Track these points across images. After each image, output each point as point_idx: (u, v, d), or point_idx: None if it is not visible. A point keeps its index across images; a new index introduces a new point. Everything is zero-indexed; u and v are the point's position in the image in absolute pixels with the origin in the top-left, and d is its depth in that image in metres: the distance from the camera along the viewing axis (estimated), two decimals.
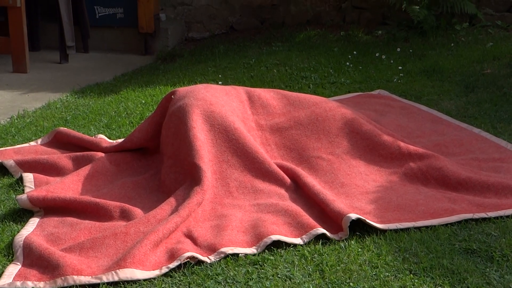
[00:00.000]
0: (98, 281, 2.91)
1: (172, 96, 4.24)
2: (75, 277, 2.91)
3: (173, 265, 3.02)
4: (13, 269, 3.02)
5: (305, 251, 3.14)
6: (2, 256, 3.18)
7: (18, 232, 3.39)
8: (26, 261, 3.07)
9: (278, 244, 3.20)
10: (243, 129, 3.96)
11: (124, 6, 8.37)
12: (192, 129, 3.84)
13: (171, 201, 3.51)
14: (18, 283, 2.91)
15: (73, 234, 3.31)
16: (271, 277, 2.94)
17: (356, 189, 3.77)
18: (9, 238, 3.34)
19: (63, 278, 2.90)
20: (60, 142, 4.57)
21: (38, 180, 3.96)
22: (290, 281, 2.92)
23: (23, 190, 3.90)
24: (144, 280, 2.94)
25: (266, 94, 4.38)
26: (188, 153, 3.76)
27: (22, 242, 3.20)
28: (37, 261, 3.05)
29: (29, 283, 2.91)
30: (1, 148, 4.51)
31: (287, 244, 3.20)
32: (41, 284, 2.91)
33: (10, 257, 3.16)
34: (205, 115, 3.94)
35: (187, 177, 3.72)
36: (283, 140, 4.12)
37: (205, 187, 3.57)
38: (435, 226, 3.34)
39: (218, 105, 4.04)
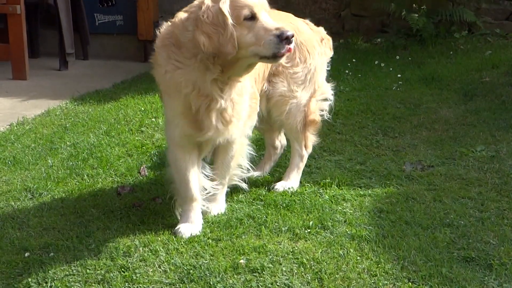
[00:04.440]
0: None
1: None
2: None
3: None
4: None
5: (304, 259, 3.14)
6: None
7: (16, 238, 3.38)
8: None
9: (276, 251, 3.20)
10: None
11: (124, 13, 8.39)
12: None
13: None
14: None
15: None
16: (270, 285, 2.94)
17: None
18: (8, 245, 3.34)
19: None
20: None
21: None
22: None
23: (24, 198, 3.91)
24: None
25: None
26: None
27: None
28: None
29: None
30: None
31: (286, 252, 3.20)
32: None
33: (6, 265, 3.16)
34: None
35: None
36: None
37: None
38: (433, 233, 3.34)
39: None
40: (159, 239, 3.37)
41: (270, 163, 4.34)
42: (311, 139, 4.13)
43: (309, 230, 3.43)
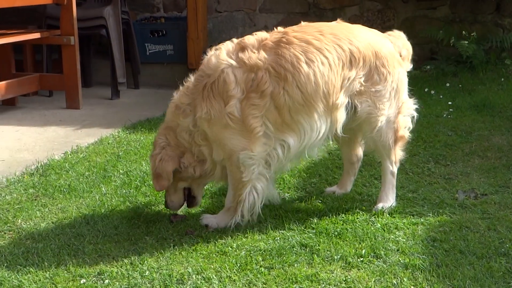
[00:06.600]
0: None
1: None
2: None
3: None
4: None
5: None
6: None
7: (72, 265, 3.43)
8: None
9: (329, 280, 3.18)
10: None
11: (174, 43, 8.54)
12: None
13: None
14: None
15: None
16: None
17: None
18: (64, 272, 3.40)
19: None
20: None
21: None
22: None
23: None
24: None
25: None
26: None
27: None
28: None
29: None
30: None
31: (339, 280, 3.18)
32: None
33: None
34: None
35: None
36: None
37: None
38: (489, 263, 3.30)
39: None
40: (212, 266, 3.39)
41: (350, 179, 4.45)
42: (399, 154, 4.20)
43: (361, 259, 3.42)
